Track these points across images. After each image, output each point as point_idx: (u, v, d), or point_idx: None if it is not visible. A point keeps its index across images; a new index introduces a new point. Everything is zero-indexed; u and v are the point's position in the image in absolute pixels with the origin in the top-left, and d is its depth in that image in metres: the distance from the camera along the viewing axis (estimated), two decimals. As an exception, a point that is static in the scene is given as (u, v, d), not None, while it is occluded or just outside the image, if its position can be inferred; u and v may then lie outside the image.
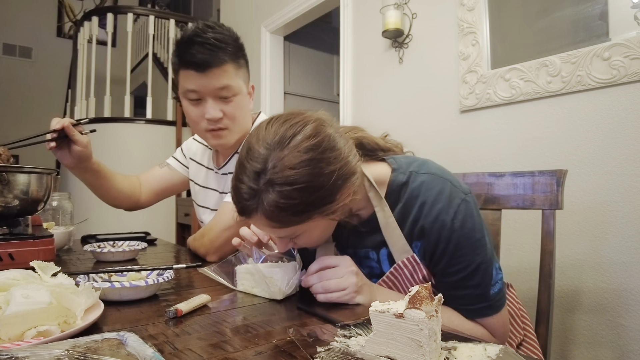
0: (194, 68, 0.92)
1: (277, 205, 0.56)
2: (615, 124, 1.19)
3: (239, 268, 0.72)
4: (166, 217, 3.33)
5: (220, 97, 0.96)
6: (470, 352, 0.45)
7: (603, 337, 1.19)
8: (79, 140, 0.94)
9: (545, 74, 1.33)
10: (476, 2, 1.54)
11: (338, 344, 0.46)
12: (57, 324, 0.45)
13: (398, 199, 0.68)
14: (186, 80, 0.95)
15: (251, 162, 0.58)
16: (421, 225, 0.66)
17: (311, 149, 0.57)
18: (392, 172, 0.70)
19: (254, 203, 0.58)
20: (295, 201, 0.56)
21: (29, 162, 0.87)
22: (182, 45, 0.93)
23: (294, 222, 0.59)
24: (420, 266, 0.68)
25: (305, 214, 0.58)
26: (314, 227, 0.62)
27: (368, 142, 0.74)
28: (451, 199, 0.65)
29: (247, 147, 0.61)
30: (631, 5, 1.15)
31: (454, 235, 0.64)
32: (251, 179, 0.58)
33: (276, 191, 0.56)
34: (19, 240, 0.78)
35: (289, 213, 0.57)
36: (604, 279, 1.19)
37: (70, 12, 6.22)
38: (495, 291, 0.67)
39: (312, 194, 0.57)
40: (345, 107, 2.21)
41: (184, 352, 0.44)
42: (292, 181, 0.55)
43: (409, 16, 1.85)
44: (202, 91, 0.95)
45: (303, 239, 0.65)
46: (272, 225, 0.59)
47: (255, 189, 0.57)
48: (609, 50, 1.18)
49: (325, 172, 0.57)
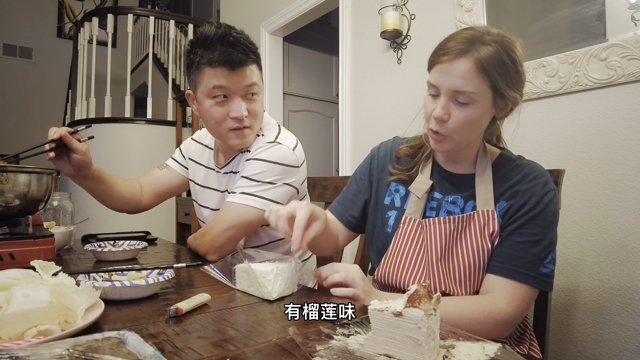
0: (227, 66, 0.93)
1: (490, 57, 0.70)
2: (612, 124, 1.19)
3: (238, 267, 0.73)
4: (166, 216, 3.33)
5: (247, 95, 0.99)
6: (468, 351, 0.45)
7: (600, 335, 1.20)
8: (77, 149, 0.94)
9: (542, 74, 1.33)
10: (474, 3, 1.55)
11: (337, 343, 0.47)
12: (58, 323, 0.45)
13: (502, 168, 0.81)
14: (215, 77, 0.95)
15: (472, 29, 0.75)
16: (517, 188, 0.77)
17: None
18: (503, 150, 0.85)
19: (469, 47, 0.71)
20: (499, 60, 0.70)
21: (30, 162, 0.87)
22: (212, 44, 0.93)
23: (486, 77, 0.71)
24: (494, 221, 0.76)
25: (494, 76, 0.71)
26: (482, 104, 0.73)
27: (496, 129, 0.89)
28: (549, 182, 0.78)
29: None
30: (628, 6, 1.16)
31: (539, 206, 0.74)
32: (469, 35, 0.73)
33: (493, 47, 0.70)
34: (19, 239, 0.78)
35: (491, 67, 0.70)
36: (602, 278, 1.19)
37: (71, 13, 6.22)
38: (543, 271, 0.74)
39: (506, 69, 0.71)
40: (344, 108, 2.22)
41: (184, 350, 0.45)
42: (503, 50, 0.71)
43: (407, 17, 1.85)
44: (232, 88, 0.96)
45: (465, 111, 0.73)
46: (476, 74, 0.70)
47: (477, 37, 0.72)
48: (606, 50, 1.18)
49: (519, 70, 0.74)
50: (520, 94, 0.76)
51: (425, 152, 0.89)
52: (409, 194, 0.86)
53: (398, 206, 0.88)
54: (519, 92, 0.75)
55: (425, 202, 0.84)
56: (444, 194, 0.84)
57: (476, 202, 0.79)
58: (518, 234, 0.75)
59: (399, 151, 0.92)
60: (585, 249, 1.23)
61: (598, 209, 1.21)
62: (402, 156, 0.91)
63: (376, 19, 1.96)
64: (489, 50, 0.70)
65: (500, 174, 0.80)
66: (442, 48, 0.74)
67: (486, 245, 0.76)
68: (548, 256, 0.74)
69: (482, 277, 0.77)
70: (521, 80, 0.75)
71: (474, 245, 0.77)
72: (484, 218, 0.77)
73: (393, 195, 0.89)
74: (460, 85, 0.71)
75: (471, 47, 0.70)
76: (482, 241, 0.76)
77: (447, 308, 0.70)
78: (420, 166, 0.87)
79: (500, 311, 0.71)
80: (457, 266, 0.77)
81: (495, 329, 0.71)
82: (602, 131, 1.21)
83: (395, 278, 0.83)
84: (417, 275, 0.81)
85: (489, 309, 0.71)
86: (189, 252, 1.11)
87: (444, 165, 0.86)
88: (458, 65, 0.71)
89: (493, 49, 0.70)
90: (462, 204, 0.81)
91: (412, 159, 0.90)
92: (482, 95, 0.72)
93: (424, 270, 0.81)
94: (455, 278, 0.78)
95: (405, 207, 0.86)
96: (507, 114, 0.80)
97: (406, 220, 0.84)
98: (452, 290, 0.78)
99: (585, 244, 1.23)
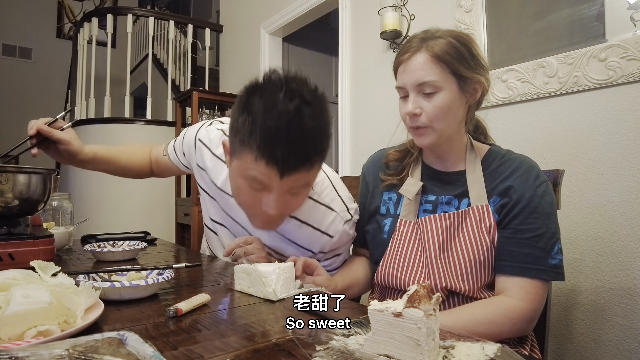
0: (275, 168, 0.71)
1: (442, 47, 0.76)
2: (611, 124, 1.19)
3: (237, 267, 0.72)
4: (166, 217, 3.32)
5: (290, 190, 0.78)
6: (468, 351, 0.45)
7: (600, 336, 1.20)
8: (60, 139, 0.91)
9: (542, 74, 1.33)
10: (474, 4, 1.55)
11: (337, 343, 0.47)
12: (57, 323, 0.45)
13: (492, 163, 0.82)
14: (257, 172, 0.72)
15: (426, 30, 0.81)
16: (509, 184, 0.78)
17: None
18: (492, 146, 0.87)
19: (423, 43, 0.77)
20: (452, 47, 0.76)
21: (29, 162, 0.87)
22: (269, 130, 0.69)
23: (444, 65, 0.75)
24: (490, 215, 0.78)
25: (450, 62, 0.76)
26: (448, 90, 0.77)
27: (481, 126, 0.93)
28: (540, 174, 0.79)
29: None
30: (627, 6, 1.16)
31: (535, 199, 0.76)
32: (422, 34, 0.80)
33: (445, 39, 0.77)
34: (19, 240, 0.78)
35: (445, 54, 0.75)
36: (601, 279, 1.19)
37: (70, 13, 6.22)
38: (552, 263, 0.75)
39: (460, 53, 0.77)
40: (343, 108, 2.22)
41: (184, 351, 0.45)
42: (453, 39, 0.78)
43: (407, 17, 1.85)
44: (273, 186, 0.74)
45: (434, 100, 0.77)
46: (432, 63, 0.76)
47: (429, 34, 0.79)
48: (605, 51, 1.18)
49: (474, 53, 0.79)
50: (483, 76, 0.79)
51: (413, 155, 0.90)
52: (401, 197, 0.87)
53: (392, 213, 0.89)
54: (480, 73, 0.79)
55: (418, 204, 0.85)
56: (437, 195, 0.85)
57: (470, 199, 0.80)
58: (521, 231, 0.75)
59: (388, 156, 0.95)
60: (584, 249, 1.23)
61: (597, 209, 1.21)
62: (391, 161, 0.94)
63: (376, 20, 1.96)
64: (441, 42, 0.77)
65: (491, 170, 0.81)
66: (401, 51, 0.81)
67: (484, 240, 0.77)
68: (555, 247, 0.75)
69: (485, 272, 0.78)
70: (479, 62, 0.79)
71: (473, 240, 0.77)
72: (479, 213, 0.78)
73: (387, 204, 0.91)
74: (421, 77, 0.76)
75: (424, 43, 0.78)
76: (480, 236, 0.77)
77: (463, 317, 0.70)
78: (410, 169, 0.89)
79: (516, 309, 0.71)
80: (457, 262, 0.78)
81: (515, 327, 0.72)
82: (601, 132, 1.21)
83: (394, 278, 0.83)
84: (417, 274, 0.81)
85: (504, 309, 0.71)
86: (189, 253, 1.10)
87: (433, 165, 0.87)
88: (416, 59, 0.77)
89: (444, 40, 0.78)
90: (456, 203, 0.82)
91: (400, 163, 0.92)
92: (445, 81, 0.76)
93: (423, 268, 0.81)
94: (457, 274, 0.78)
95: (398, 212, 0.87)
96: (481, 100, 0.83)
97: (401, 222, 0.85)
98: (454, 286, 0.78)
99: (585, 244, 1.23)
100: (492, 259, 0.77)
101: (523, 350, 0.79)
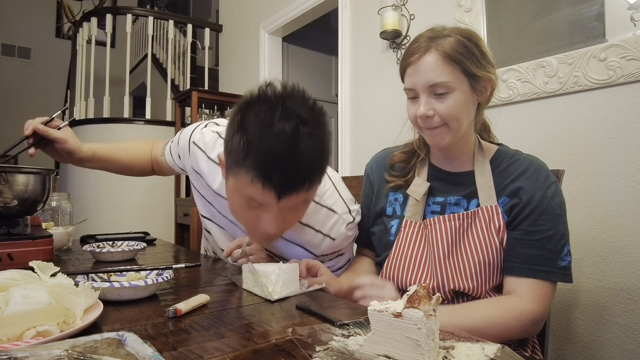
0: (273, 191, 0.68)
1: (452, 46, 0.74)
2: (611, 124, 1.19)
3: (245, 266, 0.73)
4: (165, 217, 3.32)
5: (287, 210, 0.77)
6: (468, 352, 0.45)
7: (600, 336, 1.20)
8: (56, 138, 0.91)
9: (542, 74, 1.33)
10: (473, 4, 1.55)
11: (337, 343, 0.46)
12: (57, 324, 0.45)
13: (501, 163, 0.81)
14: (253, 192, 0.69)
15: (432, 29, 0.79)
16: (518, 185, 0.77)
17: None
18: (501, 146, 0.86)
19: (431, 43, 0.75)
20: (462, 46, 0.75)
21: (28, 162, 0.87)
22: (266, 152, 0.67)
23: (455, 64, 0.74)
24: (499, 216, 0.77)
25: (462, 61, 0.74)
26: (460, 90, 0.75)
27: (486, 123, 0.92)
28: (549, 176, 0.78)
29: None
30: (627, 6, 1.16)
31: (544, 200, 0.75)
32: (429, 33, 0.78)
33: (453, 37, 0.75)
34: (18, 240, 0.78)
35: (456, 53, 0.74)
36: (602, 279, 1.19)
37: (69, 13, 6.21)
38: (562, 265, 0.74)
39: (471, 52, 0.75)
40: (343, 108, 2.22)
41: (183, 351, 0.45)
42: (462, 37, 0.76)
43: (406, 17, 1.85)
44: (270, 206, 0.71)
45: (447, 101, 0.75)
46: (444, 64, 0.74)
47: (436, 33, 0.77)
48: (605, 51, 1.18)
49: (483, 51, 0.77)
50: (492, 74, 0.79)
51: (420, 156, 0.89)
52: (408, 198, 0.86)
53: (399, 214, 0.88)
54: (489, 71, 0.78)
55: (424, 205, 0.84)
56: (445, 196, 0.83)
57: (479, 200, 0.79)
58: (531, 232, 0.75)
59: (393, 157, 0.93)
60: (584, 249, 1.23)
61: (597, 209, 1.21)
62: (396, 162, 0.92)
63: (375, 19, 1.96)
64: (450, 41, 0.75)
65: (500, 170, 0.81)
66: (408, 51, 0.79)
67: (494, 241, 0.76)
68: (564, 249, 0.75)
69: (494, 273, 0.77)
70: (488, 59, 0.78)
71: (482, 241, 0.77)
72: (488, 214, 0.77)
73: (393, 205, 0.90)
74: (433, 78, 0.74)
75: (433, 42, 0.76)
76: (490, 237, 0.76)
77: (475, 315, 0.70)
78: (416, 170, 0.88)
79: (527, 310, 0.71)
80: (466, 263, 0.77)
81: (524, 329, 0.72)
82: (601, 132, 1.21)
83: (399, 278, 0.83)
84: (422, 274, 0.81)
85: (515, 310, 0.71)
86: (188, 253, 1.10)
87: (441, 166, 0.86)
88: (426, 60, 0.75)
89: (453, 38, 0.76)
90: (465, 204, 0.81)
91: (407, 165, 0.90)
92: (457, 81, 0.75)
93: (429, 269, 0.81)
94: (466, 275, 0.77)
95: (404, 213, 0.86)
96: (489, 97, 0.82)
97: (407, 223, 0.84)
98: (463, 287, 0.77)
99: (585, 244, 1.23)
100: (501, 260, 0.77)
101: (524, 352, 0.79)
